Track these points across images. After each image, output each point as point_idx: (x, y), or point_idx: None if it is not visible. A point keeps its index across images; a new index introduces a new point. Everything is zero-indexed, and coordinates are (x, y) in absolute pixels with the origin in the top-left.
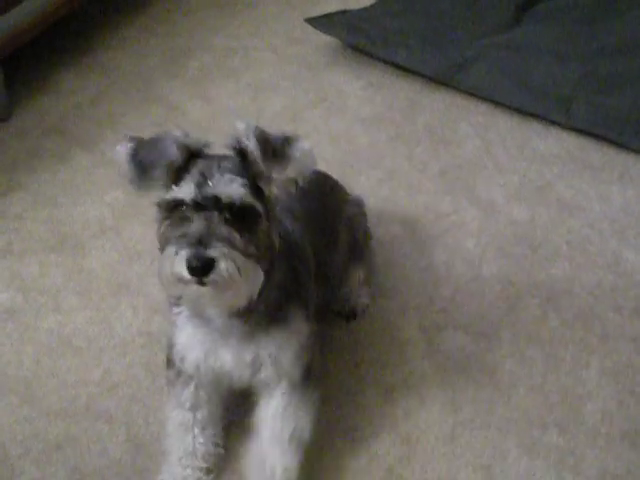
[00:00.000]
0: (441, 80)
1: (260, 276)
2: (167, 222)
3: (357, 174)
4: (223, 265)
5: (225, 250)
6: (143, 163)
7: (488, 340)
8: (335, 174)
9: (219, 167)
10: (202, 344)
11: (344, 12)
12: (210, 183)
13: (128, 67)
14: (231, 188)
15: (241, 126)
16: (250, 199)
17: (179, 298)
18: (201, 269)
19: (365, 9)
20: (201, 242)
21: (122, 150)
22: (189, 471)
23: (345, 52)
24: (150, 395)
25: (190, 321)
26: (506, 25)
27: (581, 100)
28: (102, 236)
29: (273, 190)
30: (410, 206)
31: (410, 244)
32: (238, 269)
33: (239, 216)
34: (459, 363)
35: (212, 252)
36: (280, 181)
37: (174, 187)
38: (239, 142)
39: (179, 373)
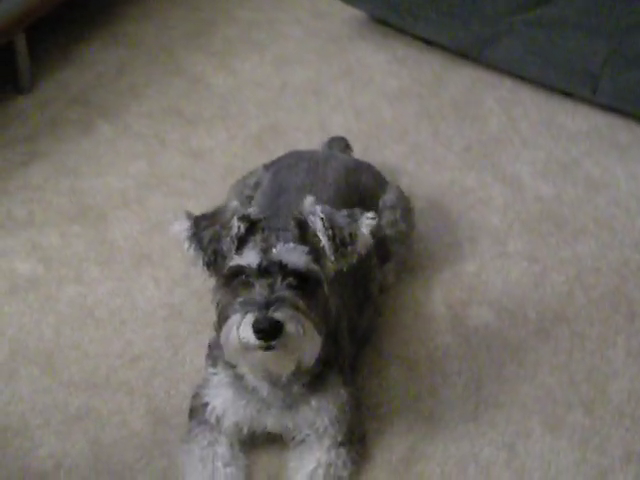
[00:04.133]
0: (468, 55)
1: (319, 341)
2: (227, 290)
3: (382, 148)
4: (290, 328)
5: (291, 312)
6: (205, 240)
7: (513, 317)
8: (360, 147)
9: (280, 237)
10: (243, 409)
11: None
12: (274, 250)
13: (152, 39)
14: (294, 256)
15: (308, 200)
16: (313, 266)
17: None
18: (269, 332)
19: None
20: (267, 306)
21: (179, 230)
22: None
23: (371, 25)
24: (171, 367)
25: (231, 387)
26: (534, 1)
27: (609, 77)
28: (124, 207)
29: (332, 265)
30: (435, 181)
31: (435, 219)
32: (304, 331)
33: (301, 282)
34: (483, 340)
35: (279, 315)
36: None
37: (236, 256)
38: (302, 215)
39: (204, 423)
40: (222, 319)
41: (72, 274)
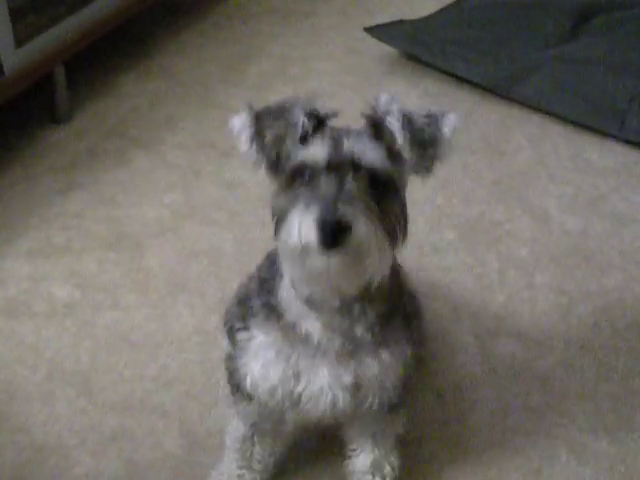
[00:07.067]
0: (497, 91)
1: (390, 256)
2: (288, 192)
3: (411, 181)
4: (360, 228)
5: (362, 210)
6: (267, 139)
7: (540, 348)
8: None
9: (352, 132)
10: (287, 368)
11: (402, 22)
12: (345, 143)
13: (187, 72)
14: (369, 151)
15: (383, 98)
16: (389, 165)
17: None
18: (334, 230)
19: (423, 19)
20: (334, 201)
21: (238, 123)
22: (245, 472)
23: (402, 62)
24: (205, 392)
25: (272, 346)
26: (562, 38)
27: (636, 113)
28: (160, 236)
29: (409, 169)
30: (464, 214)
31: (464, 251)
32: (375, 238)
33: (375, 184)
34: (511, 369)
35: (347, 210)
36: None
37: (301, 151)
38: (377, 114)
39: (248, 397)
40: (280, 222)
41: (108, 300)
